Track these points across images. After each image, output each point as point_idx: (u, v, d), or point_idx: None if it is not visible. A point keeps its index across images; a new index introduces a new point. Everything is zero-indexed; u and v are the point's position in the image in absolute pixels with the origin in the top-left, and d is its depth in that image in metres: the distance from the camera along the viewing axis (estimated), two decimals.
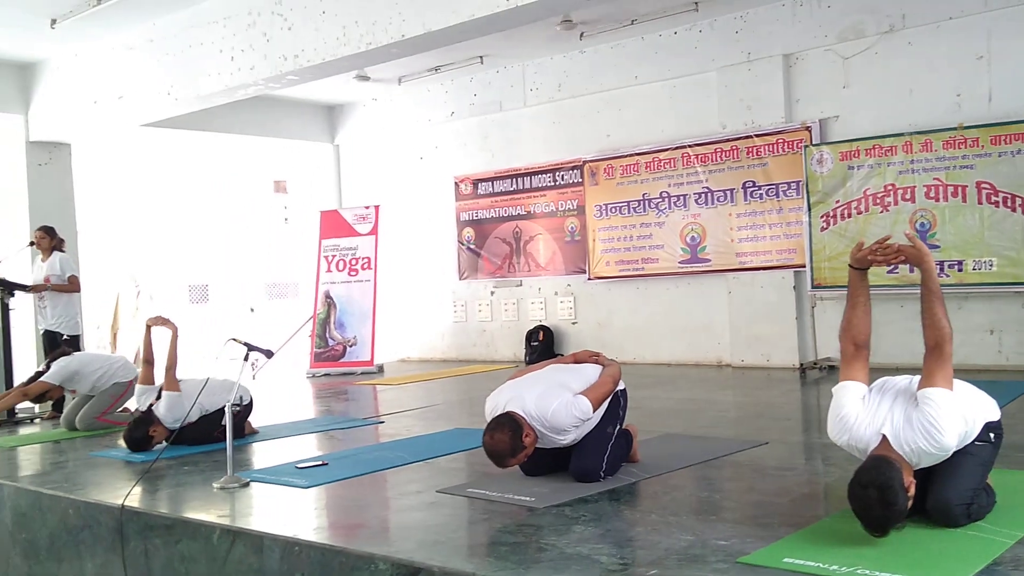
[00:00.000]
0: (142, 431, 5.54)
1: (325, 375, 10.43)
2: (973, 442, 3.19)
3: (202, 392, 5.44)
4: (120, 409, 6.89)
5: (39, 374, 6.80)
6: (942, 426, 3.01)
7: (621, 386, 4.36)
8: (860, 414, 3.17)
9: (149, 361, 6.00)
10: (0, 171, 9.85)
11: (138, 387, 6.03)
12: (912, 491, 3.00)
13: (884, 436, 3.09)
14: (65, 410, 7.09)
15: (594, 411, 4.10)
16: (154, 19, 8.10)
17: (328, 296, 10.90)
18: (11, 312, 7.89)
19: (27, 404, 8.22)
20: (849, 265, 3.47)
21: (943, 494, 3.10)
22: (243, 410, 5.97)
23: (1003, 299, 7.41)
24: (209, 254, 11.88)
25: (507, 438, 3.94)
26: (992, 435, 3.24)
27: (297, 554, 3.43)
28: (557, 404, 4.02)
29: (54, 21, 7.94)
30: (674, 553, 3.03)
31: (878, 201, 7.81)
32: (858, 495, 2.95)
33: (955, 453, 3.16)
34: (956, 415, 3.06)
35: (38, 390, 6.72)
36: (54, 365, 6.73)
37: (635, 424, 4.58)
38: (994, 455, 3.26)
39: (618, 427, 4.25)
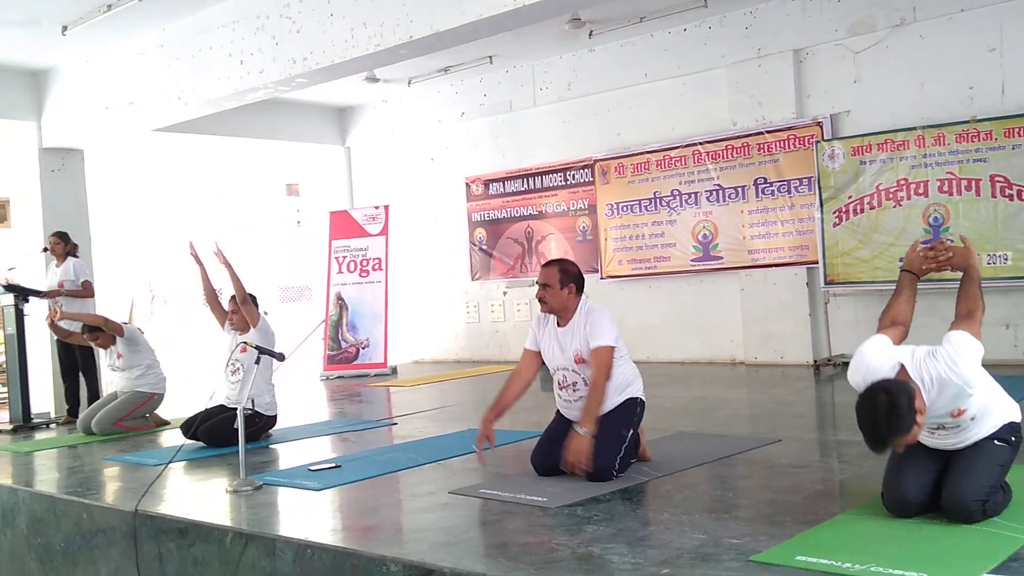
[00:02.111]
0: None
1: (339, 377, 10.45)
2: (993, 440, 3.18)
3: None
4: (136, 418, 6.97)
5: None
6: (964, 356, 3.01)
7: (642, 396, 4.36)
8: (881, 355, 3.16)
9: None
10: (14, 177, 9.92)
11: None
12: (921, 419, 2.95)
13: (902, 365, 3.08)
14: (81, 414, 7.15)
15: (619, 350, 4.24)
16: (164, 24, 8.14)
17: (340, 298, 10.91)
18: (26, 318, 7.93)
19: (44, 409, 8.35)
20: (902, 269, 3.45)
21: (959, 488, 3.08)
22: (268, 421, 6.00)
23: (1019, 293, 7.34)
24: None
25: (573, 268, 4.34)
26: (1013, 437, 3.23)
27: (309, 557, 3.44)
28: (604, 312, 4.26)
29: (65, 28, 7.98)
30: (686, 552, 3.01)
31: (891, 196, 7.75)
32: (866, 400, 2.94)
33: (972, 450, 3.16)
34: (977, 356, 3.06)
35: (115, 326, 7.02)
36: (130, 326, 7.17)
37: (643, 422, 4.56)
38: (1013, 456, 3.24)
39: (632, 431, 4.24)
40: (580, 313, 4.28)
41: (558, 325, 4.35)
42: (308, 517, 4.00)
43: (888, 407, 2.87)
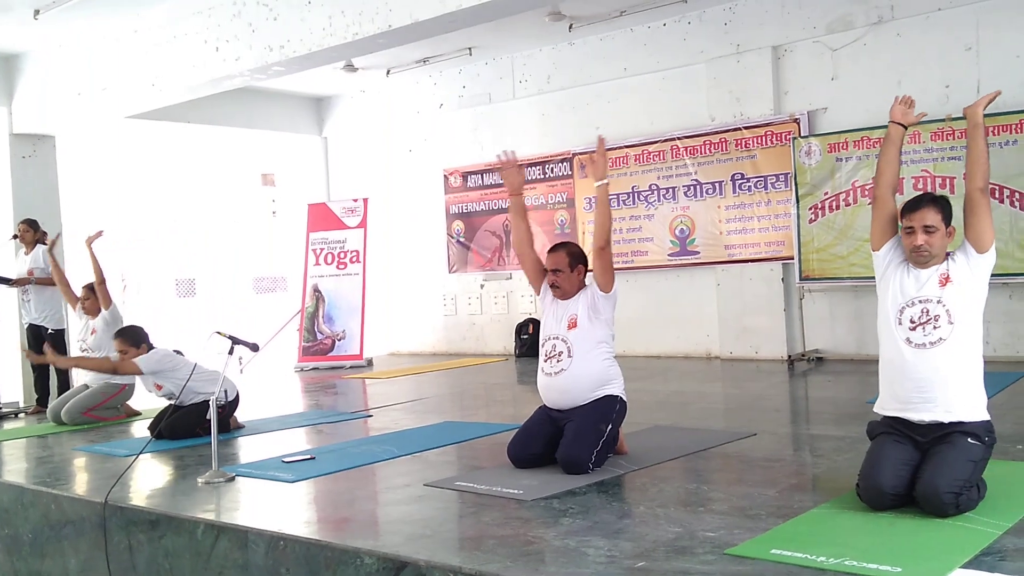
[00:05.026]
0: (138, 336, 5.91)
1: (313, 369, 10.38)
2: (967, 438, 3.21)
3: (192, 376, 5.39)
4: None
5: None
6: (985, 270, 3.42)
7: (623, 396, 4.38)
8: None
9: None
10: None
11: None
12: (952, 233, 3.36)
13: None
14: (51, 403, 7.05)
15: (609, 341, 4.41)
16: (138, 10, 8.01)
17: (316, 290, 10.84)
18: None
19: (13, 398, 8.23)
20: (891, 122, 3.78)
21: (933, 480, 3.11)
22: (228, 406, 5.92)
23: (991, 290, 7.29)
24: (196, 248, 11.80)
25: (580, 250, 4.46)
26: (986, 437, 3.27)
27: (282, 549, 3.40)
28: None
29: (37, 12, 7.84)
30: (662, 545, 3.01)
31: (866, 193, 7.80)
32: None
33: (948, 445, 3.19)
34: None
35: (106, 293, 7.05)
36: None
37: None
38: (986, 455, 3.27)
39: (610, 428, 4.25)
40: (585, 288, 4.41)
41: (559, 298, 4.45)
42: (281, 509, 3.97)
43: (934, 195, 3.44)
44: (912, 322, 3.32)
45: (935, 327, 3.29)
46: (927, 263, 3.37)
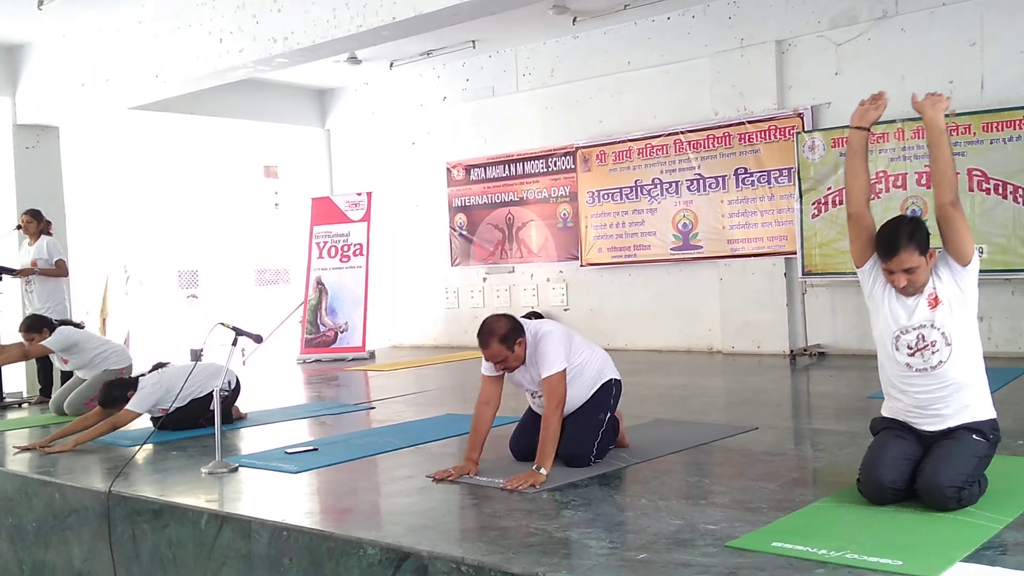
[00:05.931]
0: (120, 392, 5.51)
1: (316, 361, 10.40)
2: (972, 434, 3.22)
3: (190, 378, 5.42)
4: None
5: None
6: (972, 281, 3.25)
7: (616, 376, 4.37)
8: None
9: None
10: None
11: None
12: (933, 257, 3.24)
13: None
14: (54, 395, 7.07)
15: (578, 350, 4.22)
16: (142, 0, 8.01)
17: (319, 282, 10.87)
18: None
19: (16, 388, 8.25)
20: (852, 127, 3.56)
21: (935, 474, 3.11)
22: (230, 394, 5.94)
23: (993, 286, 7.42)
24: (199, 239, 11.82)
25: (506, 325, 4.07)
26: (991, 435, 3.27)
27: (285, 539, 3.42)
28: (548, 337, 4.11)
29: (41, 2, 7.84)
30: (663, 537, 3.02)
31: (869, 188, 7.79)
32: (894, 218, 3.38)
33: (951, 440, 3.20)
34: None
35: (38, 352, 6.86)
36: (56, 332, 6.73)
37: (622, 409, 4.57)
38: (990, 452, 3.27)
39: (609, 415, 4.25)
40: (530, 348, 4.14)
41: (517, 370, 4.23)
42: (284, 499, 3.98)
43: (911, 223, 3.29)
44: (910, 348, 3.26)
45: (933, 352, 3.23)
46: (913, 294, 3.29)
